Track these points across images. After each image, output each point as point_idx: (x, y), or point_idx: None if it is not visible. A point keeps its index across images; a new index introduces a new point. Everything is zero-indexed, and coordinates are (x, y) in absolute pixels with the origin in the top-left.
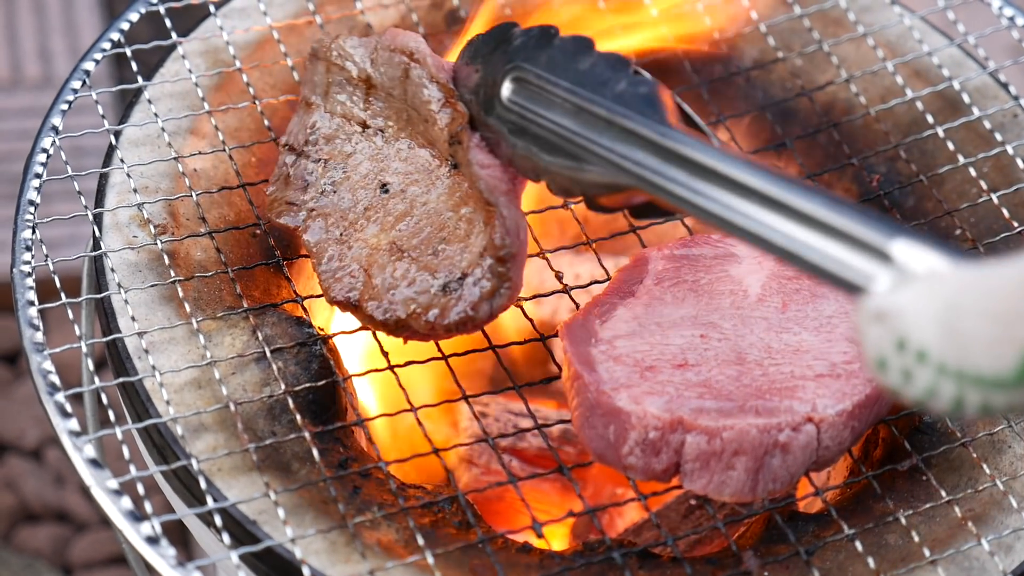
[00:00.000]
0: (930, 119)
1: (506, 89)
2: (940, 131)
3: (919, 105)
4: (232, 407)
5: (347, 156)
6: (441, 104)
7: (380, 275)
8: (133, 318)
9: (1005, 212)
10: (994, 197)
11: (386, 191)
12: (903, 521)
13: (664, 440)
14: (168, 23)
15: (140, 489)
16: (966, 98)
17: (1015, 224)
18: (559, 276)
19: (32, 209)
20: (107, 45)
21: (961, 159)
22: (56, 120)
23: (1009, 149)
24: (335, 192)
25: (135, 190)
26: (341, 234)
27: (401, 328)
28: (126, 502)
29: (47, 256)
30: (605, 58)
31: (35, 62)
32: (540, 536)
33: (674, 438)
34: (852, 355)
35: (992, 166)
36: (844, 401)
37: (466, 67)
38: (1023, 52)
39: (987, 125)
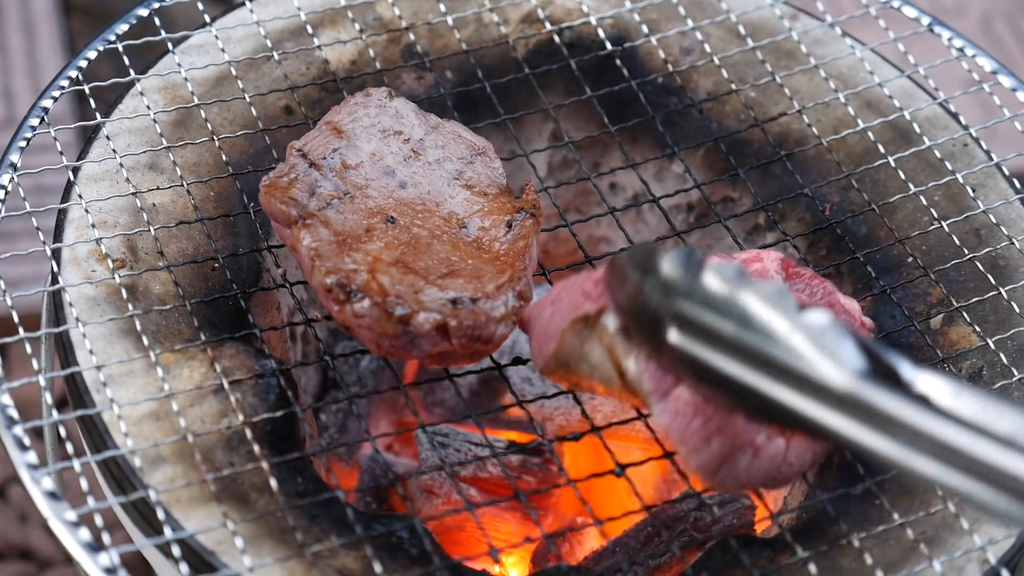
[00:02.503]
0: (881, 149)
1: (671, 333)
2: (891, 161)
3: (871, 135)
4: (190, 438)
5: (359, 188)
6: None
7: (386, 278)
8: (91, 351)
9: (956, 240)
10: (945, 225)
11: (391, 222)
12: (856, 544)
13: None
14: (126, 60)
15: (98, 520)
16: (917, 128)
17: (966, 251)
18: None
19: None
20: (65, 82)
21: (912, 188)
22: (14, 157)
23: (959, 178)
24: (340, 213)
25: (93, 225)
26: (344, 240)
27: (400, 325)
28: (84, 533)
29: (5, 292)
30: (763, 290)
31: None
32: (497, 562)
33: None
34: None
35: (943, 195)
36: None
37: (619, 286)
38: (972, 82)
39: (938, 154)
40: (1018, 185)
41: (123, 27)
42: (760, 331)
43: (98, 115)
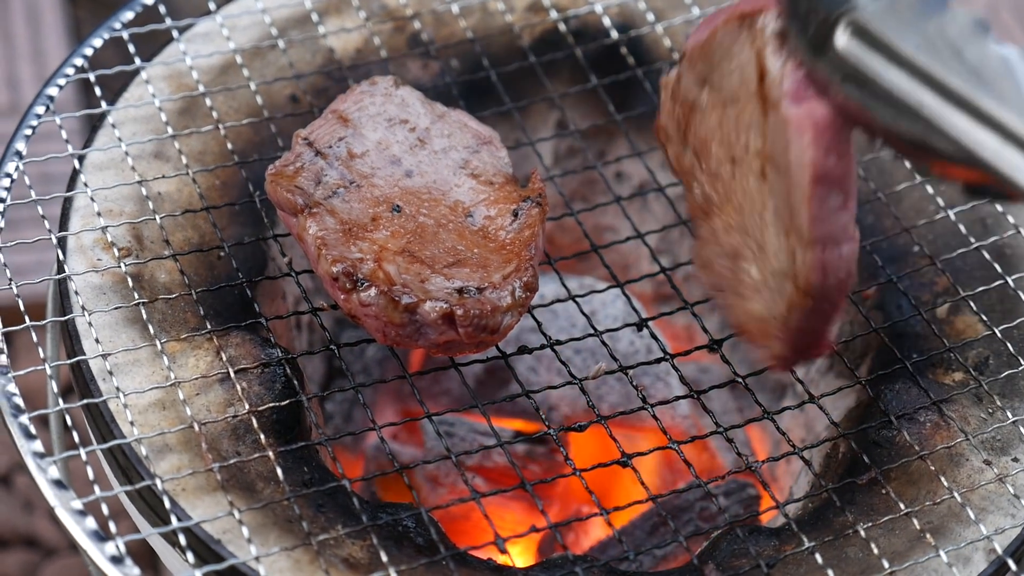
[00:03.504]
0: None
1: (841, 37)
2: None
3: None
4: (196, 427)
5: (365, 176)
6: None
7: (393, 267)
8: (97, 340)
9: (962, 228)
10: (951, 214)
11: (397, 211)
12: (862, 534)
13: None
14: (132, 48)
15: (104, 509)
16: None
17: (972, 240)
18: None
19: None
20: (71, 70)
21: (918, 177)
22: (20, 145)
23: None
24: (346, 202)
25: (99, 213)
26: (350, 229)
27: (407, 314)
28: (90, 522)
29: (11, 280)
30: (959, 17)
31: (2, 90)
32: (503, 552)
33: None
34: None
35: (948, 183)
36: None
37: None
38: None
39: None
40: None
41: (128, 15)
42: (946, 53)
43: (103, 103)
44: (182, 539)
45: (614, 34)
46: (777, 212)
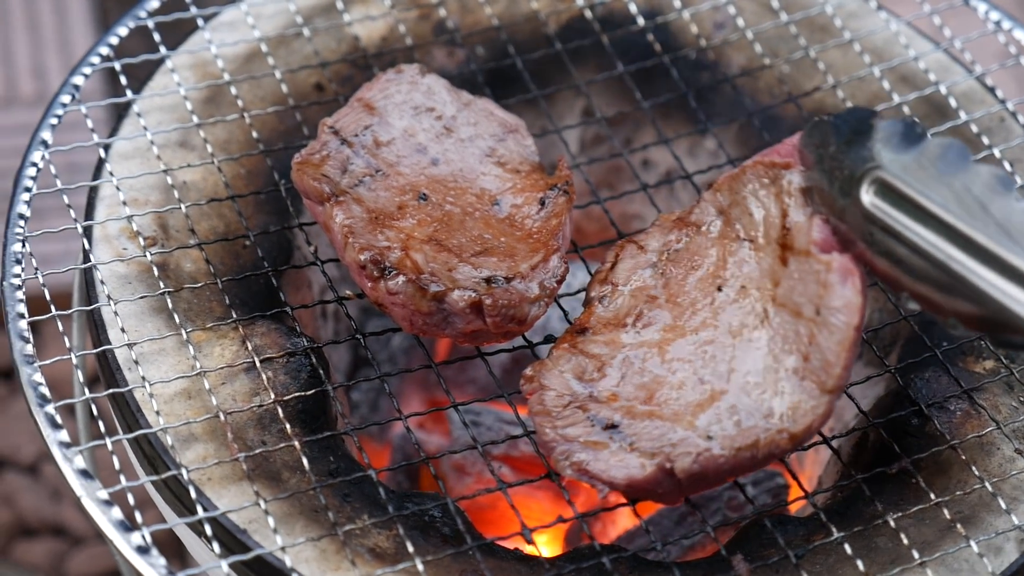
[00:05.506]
0: None
1: (867, 193)
2: (927, 136)
3: (906, 110)
4: (222, 417)
5: (391, 165)
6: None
7: (420, 255)
8: (123, 329)
9: None
10: None
11: (424, 199)
12: (892, 524)
13: None
14: (157, 37)
15: (130, 499)
16: (953, 103)
17: None
18: None
19: (22, 222)
20: (96, 59)
21: None
22: (46, 134)
23: (996, 152)
24: (372, 190)
25: (125, 203)
26: (376, 218)
27: (435, 303)
28: (116, 512)
29: (37, 269)
30: (983, 173)
31: (29, 79)
32: (530, 542)
33: None
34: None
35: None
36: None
37: (816, 148)
38: (1009, 56)
39: (974, 129)
40: None
41: (154, 3)
42: (972, 209)
43: (129, 92)
44: (208, 529)
45: (640, 21)
46: (775, 354)
